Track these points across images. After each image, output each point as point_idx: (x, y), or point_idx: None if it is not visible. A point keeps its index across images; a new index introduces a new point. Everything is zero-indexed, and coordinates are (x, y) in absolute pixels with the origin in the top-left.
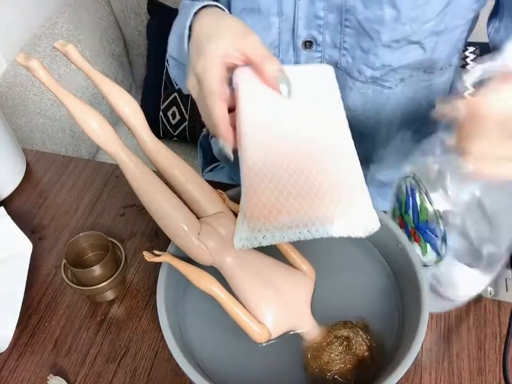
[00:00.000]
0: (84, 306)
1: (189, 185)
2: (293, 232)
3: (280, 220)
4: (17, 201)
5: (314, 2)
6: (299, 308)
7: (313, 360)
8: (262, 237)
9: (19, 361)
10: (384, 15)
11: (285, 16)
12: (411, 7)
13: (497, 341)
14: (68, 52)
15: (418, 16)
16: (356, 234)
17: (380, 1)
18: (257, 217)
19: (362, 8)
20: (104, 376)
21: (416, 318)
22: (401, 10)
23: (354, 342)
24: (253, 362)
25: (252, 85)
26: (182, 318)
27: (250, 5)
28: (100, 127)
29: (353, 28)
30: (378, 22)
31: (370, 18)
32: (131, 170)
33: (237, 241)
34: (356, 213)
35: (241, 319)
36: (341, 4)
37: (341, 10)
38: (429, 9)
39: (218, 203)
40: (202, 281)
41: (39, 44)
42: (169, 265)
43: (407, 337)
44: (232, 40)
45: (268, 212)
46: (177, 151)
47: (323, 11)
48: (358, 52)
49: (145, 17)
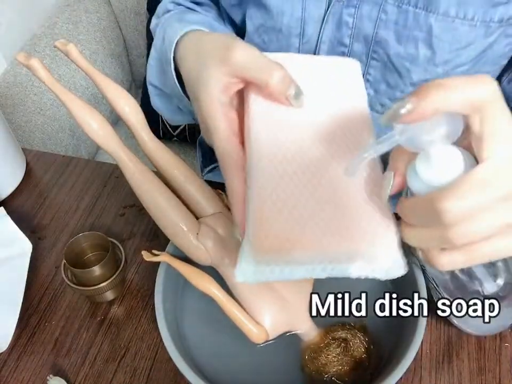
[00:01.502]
0: (84, 307)
1: (188, 185)
2: (306, 269)
3: (293, 255)
4: (17, 201)
5: (341, 28)
6: (297, 308)
7: (310, 361)
8: (270, 271)
9: (19, 361)
10: (418, 54)
11: (306, 38)
12: (448, 50)
13: (497, 341)
14: (68, 51)
15: (453, 59)
16: (376, 276)
17: (415, 39)
18: (267, 251)
19: (395, 43)
20: (104, 376)
21: (414, 321)
22: (436, 52)
23: (352, 344)
24: (251, 363)
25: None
26: (180, 318)
27: (271, 23)
28: (99, 126)
29: (380, 61)
30: (411, 60)
31: (402, 55)
32: (130, 170)
33: (239, 274)
34: (379, 254)
35: (239, 319)
36: (371, 34)
37: (370, 41)
38: (464, 54)
39: (217, 203)
40: (200, 281)
41: (38, 44)
42: (167, 265)
43: (405, 340)
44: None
45: (279, 244)
46: (177, 151)
47: (349, 38)
48: (382, 85)
49: (145, 17)
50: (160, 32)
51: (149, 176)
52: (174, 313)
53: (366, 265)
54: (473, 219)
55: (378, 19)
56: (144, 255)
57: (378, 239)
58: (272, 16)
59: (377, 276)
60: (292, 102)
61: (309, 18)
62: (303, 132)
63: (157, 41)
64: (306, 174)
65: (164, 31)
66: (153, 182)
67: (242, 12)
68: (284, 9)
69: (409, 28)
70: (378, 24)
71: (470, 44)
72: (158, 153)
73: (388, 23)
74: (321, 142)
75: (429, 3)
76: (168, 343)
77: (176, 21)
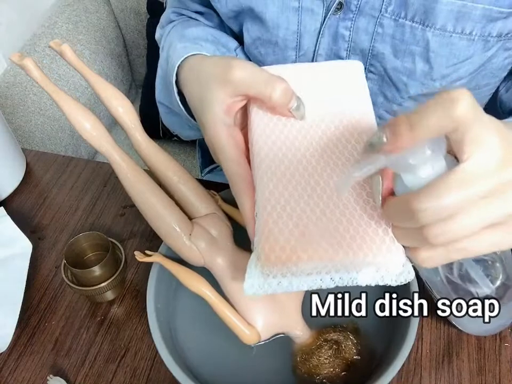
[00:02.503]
0: (84, 307)
1: (182, 185)
2: (313, 279)
3: (299, 267)
4: (17, 201)
5: (337, 41)
6: (289, 310)
7: (302, 363)
8: (277, 284)
9: (19, 361)
10: (416, 68)
11: (303, 51)
12: (445, 65)
13: (497, 341)
14: (62, 51)
15: (450, 74)
16: (385, 283)
17: (412, 54)
18: (274, 263)
19: (392, 57)
20: (104, 376)
21: (406, 323)
22: (434, 67)
23: (344, 346)
24: (242, 364)
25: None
26: (173, 319)
27: (267, 36)
28: (92, 126)
29: (377, 74)
30: (408, 74)
31: (399, 69)
32: (124, 170)
33: (248, 287)
34: (388, 261)
35: (231, 320)
36: (368, 47)
37: (367, 54)
38: (462, 68)
39: (211, 204)
40: (192, 282)
41: (38, 44)
42: (160, 266)
43: (397, 342)
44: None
45: (286, 256)
46: (176, 151)
47: (346, 51)
48: (380, 98)
49: (145, 17)
50: (164, 48)
51: (142, 177)
52: (166, 314)
53: (374, 272)
54: (451, 218)
55: (375, 33)
56: (137, 256)
57: (386, 246)
58: (268, 29)
59: (387, 283)
60: (294, 114)
61: (304, 32)
62: (306, 142)
63: (162, 61)
64: (310, 184)
65: (167, 50)
66: (147, 183)
67: (239, 24)
68: (280, 23)
69: (406, 42)
70: (375, 38)
71: (468, 58)
72: (152, 153)
73: (384, 37)
74: (324, 151)
75: (426, 17)
76: (159, 344)
77: (178, 40)
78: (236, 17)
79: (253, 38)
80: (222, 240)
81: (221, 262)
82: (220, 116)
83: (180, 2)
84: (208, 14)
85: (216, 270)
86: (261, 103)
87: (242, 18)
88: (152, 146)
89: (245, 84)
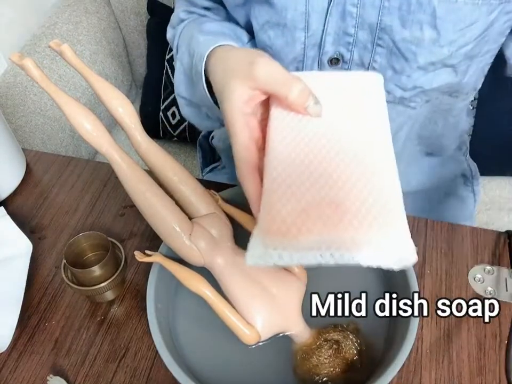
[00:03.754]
0: (84, 307)
1: (182, 185)
2: (314, 255)
3: (299, 240)
4: (17, 201)
5: (345, 19)
6: (289, 310)
7: (302, 363)
8: (278, 256)
9: (19, 361)
10: (424, 36)
11: (311, 31)
12: (452, 30)
13: (497, 341)
14: (62, 51)
15: (457, 39)
16: (386, 265)
17: (420, 22)
18: (274, 234)
19: (400, 28)
20: (104, 376)
21: (406, 323)
22: (441, 33)
23: (344, 346)
24: (242, 364)
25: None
26: (173, 319)
27: (275, 19)
28: (92, 127)
29: (386, 47)
30: (416, 43)
31: (408, 39)
32: (124, 171)
33: (249, 258)
34: (389, 241)
35: (231, 320)
36: (375, 22)
37: (375, 29)
38: (468, 33)
39: (211, 204)
40: (192, 282)
41: (39, 44)
42: (160, 266)
43: (397, 342)
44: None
45: (286, 229)
46: (177, 151)
47: (354, 28)
48: (389, 72)
49: (145, 17)
50: (182, 45)
51: (143, 177)
52: (166, 314)
53: (376, 253)
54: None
55: (382, 6)
56: (137, 256)
57: (388, 226)
58: (276, 12)
59: (389, 264)
60: (310, 111)
61: (312, 12)
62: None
63: (182, 56)
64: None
65: (187, 45)
66: (147, 183)
67: (246, 12)
68: (288, 4)
69: (413, 12)
70: (382, 12)
71: (474, 22)
72: (152, 153)
73: (391, 10)
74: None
75: None
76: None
77: (198, 33)
78: (244, 4)
79: (261, 23)
80: (222, 240)
81: (221, 262)
82: (238, 105)
83: (187, 0)
84: (215, 9)
85: (216, 270)
86: (279, 100)
87: (249, 4)
88: (152, 146)
89: (265, 82)
